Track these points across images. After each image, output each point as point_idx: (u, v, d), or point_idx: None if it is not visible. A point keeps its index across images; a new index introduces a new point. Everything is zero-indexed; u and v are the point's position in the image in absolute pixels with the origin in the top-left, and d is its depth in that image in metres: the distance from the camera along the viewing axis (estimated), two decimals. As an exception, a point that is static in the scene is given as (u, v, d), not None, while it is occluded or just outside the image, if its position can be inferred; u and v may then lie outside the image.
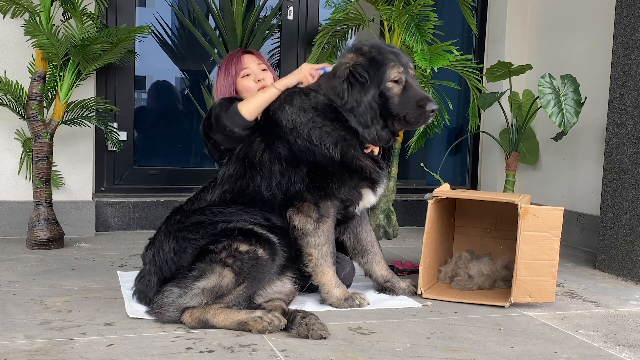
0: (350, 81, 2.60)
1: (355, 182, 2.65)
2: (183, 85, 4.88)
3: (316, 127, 2.61)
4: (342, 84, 2.60)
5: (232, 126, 2.73)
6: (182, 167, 4.82)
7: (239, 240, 2.41)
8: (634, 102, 3.37)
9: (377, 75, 2.60)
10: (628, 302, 2.98)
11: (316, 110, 2.63)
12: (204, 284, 2.35)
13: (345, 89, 2.59)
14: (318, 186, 2.60)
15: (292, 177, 2.60)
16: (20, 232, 3.94)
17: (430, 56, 3.79)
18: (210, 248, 2.40)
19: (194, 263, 2.40)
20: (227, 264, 2.36)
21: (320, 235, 2.63)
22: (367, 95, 2.59)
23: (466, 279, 3.01)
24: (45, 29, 3.53)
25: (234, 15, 4.17)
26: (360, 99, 2.58)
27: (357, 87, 2.59)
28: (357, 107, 2.59)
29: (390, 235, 4.32)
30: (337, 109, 2.62)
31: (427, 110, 2.57)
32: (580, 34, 4.34)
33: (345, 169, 2.62)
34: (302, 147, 2.61)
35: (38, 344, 2.16)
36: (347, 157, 2.62)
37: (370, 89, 2.59)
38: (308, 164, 2.60)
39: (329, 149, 2.60)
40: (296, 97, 2.69)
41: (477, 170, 5.25)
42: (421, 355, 2.18)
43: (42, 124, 3.65)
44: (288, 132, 2.63)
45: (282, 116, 2.66)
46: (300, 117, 2.63)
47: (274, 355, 2.13)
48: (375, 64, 2.62)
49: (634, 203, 3.35)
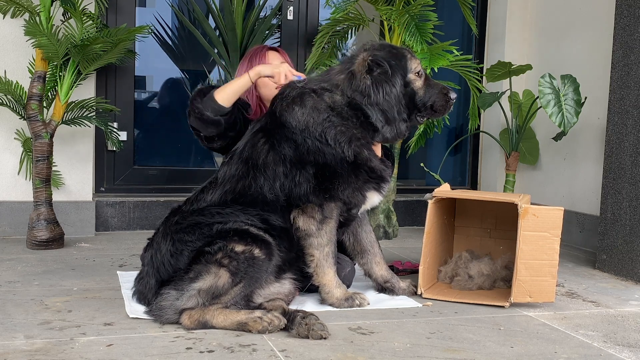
0: (373, 75, 2.58)
1: (361, 184, 2.64)
2: (183, 85, 4.87)
3: (332, 127, 2.57)
4: (364, 80, 2.58)
5: (204, 109, 2.76)
6: (182, 167, 4.82)
7: (235, 240, 2.40)
8: (634, 102, 3.37)
9: (400, 66, 2.62)
10: (628, 302, 2.98)
11: (332, 110, 2.60)
12: (200, 285, 2.35)
13: (370, 85, 2.57)
14: (324, 188, 2.58)
15: (297, 179, 2.57)
16: (20, 232, 3.94)
17: (430, 56, 3.79)
18: (206, 250, 2.39)
19: (190, 265, 2.39)
20: (222, 265, 2.36)
21: (323, 236, 2.62)
22: (396, 87, 2.59)
23: (466, 279, 3.01)
24: (45, 29, 3.53)
25: (234, 15, 4.17)
26: (390, 91, 2.57)
27: (383, 80, 2.58)
28: (385, 102, 2.57)
29: (390, 235, 4.32)
30: (356, 107, 2.59)
31: (451, 98, 2.69)
32: (580, 34, 4.34)
33: (353, 171, 2.60)
34: (312, 147, 2.57)
35: (38, 344, 2.16)
36: (360, 157, 2.60)
37: (397, 80, 2.60)
38: (316, 165, 2.57)
39: (342, 149, 2.57)
40: (307, 97, 2.63)
41: (477, 170, 5.25)
42: (421, 355, 2.18)
43: (42, 124, 3.65)
44: (298, 132, 2.58)
45: (291, 117, 2.61)
46: (313, 117, 2.58)
47: (274, 355, 2.13)
48: (394, 55, 2.64)
49: (634, 203, 3.35)
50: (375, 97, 2.57)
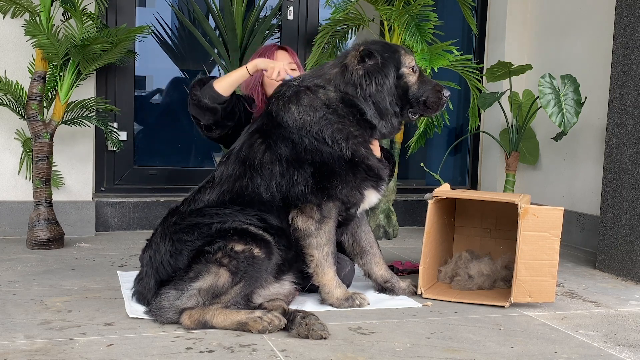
0: (366, 66, 2.59)
1: (359, 183, 2.64)
2: (183, 86, 4.87)
3: (328, 125, 2.57)
4: (357, 71, 2.60)
5: (201, 96, 2.81)
6: (182, 167, 4.82)
7: (234, 240, 2.40)
8: (634, 102, 3.37)
9: (394, 59, 2.63)
10: (628, 302, 2.98)
11: (328, 108, 2.60)
12: (200, 285, 2.35)
13: (362, 75, 2.59)
14: (322, 187, 2.58)
15: (295, 178, 2.57)
16: (20, 232, 3.94)
17: (430, 56, 3.79)
18: (206, 249, 2.39)
19: (190, 265, 2.39)
20: (222, 264, 2.36)
21: (322, 236, 2.62)
22: (389, 78, 2.60)
23: (466, 279, 3.01)
24: (45, 29, 3.53)
25: (234, 15, 4.17)
26: (382, 82, 2.58)
27: (375, 70, 2.59)
28: (377, 93, 2.58)
29: (390, 235, 4.32)
30: (351, 104, 2.60)
31: (445, 96, 2.68)
32: (580, 34, 4.34)
33: (350, 169, 2.60)
34: (310, 146, 2.57)
35: (38, 344, 2.16)
36: (357, 155, 2.61)
37: (390, 71, 2.61)
38: (313, 164, 2.57)
39: (340, 147, 2.57)
40: (303, 95, 2.63)
41: (477, 170, 5.25)
42: (421, 355, 2.18)
43: (42, 124, 3.65)
44: (295, 131, 2.59)
45: (288, 116, 2.61)
46: (310, 115, 2.59)
47: (274, 355, 2.13)
48: (388, 48, 2.66)
49: (634, 203, 3.35)
50: (368, 87, 2.58)
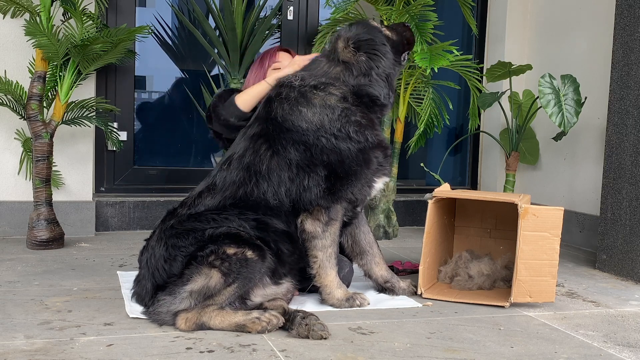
0: (363, 52, 2.68)
1: (371, 177, 2.66)
2: (183, 86, 4.87)
3: (349, 119, 2.61)
4: (360, 61, 2.68)
5: (228, 116, 2.85)
6: (182, 167, 4.82)
7: (226, 244, 2.39)
8: (634, 102, 3.37)
9: (374, 28, 2.78)
10: (628, 302, 2.98)
11: (344, 103, 2.63)
12: (191, 287, 2.34)
13: (365, 60, 2.67)
14: (334, 190, 2.58)
15: (306, 183, 2.55)
16: (20, 232, 3.94)
17: (430, 56, 3.79)
18: (199, 254, 2.38)
19: (183, 271, 2.38)
20: (214, 266, 2.34)
21: (327, 238, 2.62)
22: (386, 45, 2.74)
23: (466, 279, 3.01)
24: (46, 29, 3.53)
25: (234, 15, 4.17)
26: (385, 50, 2.72)
27: (372, 47, 2.69)
28: (387, 62, 2.71)
29: (390, 235, 4.32)
30: (360, 94, 2.65)
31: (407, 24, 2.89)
32: (580, 34, 4.34)
33: (365, 162, 2.61)
34: (328, 146, 2.56)
35: (38, 344, 2.16)
36: (380, 138, 2.69)
37: (382, 39, 2.74)
38: (328, 165, 2.56)
39: (366, 137, 2.62)
40: (311, 96, 2.62)
41: (477, 170, 5.25)
42: (421, 355, 2.18)
43: (42, 124, 3.65)
44: (310, 133, 2.56)
45: (300, 120, 2.58)
46: (327, 114, 2.59)
47: (274, 355, 2.13)
48: (364, 25, 2.78)
49: (634, 203, 3.35)
50: (377, 65, 2.69)
